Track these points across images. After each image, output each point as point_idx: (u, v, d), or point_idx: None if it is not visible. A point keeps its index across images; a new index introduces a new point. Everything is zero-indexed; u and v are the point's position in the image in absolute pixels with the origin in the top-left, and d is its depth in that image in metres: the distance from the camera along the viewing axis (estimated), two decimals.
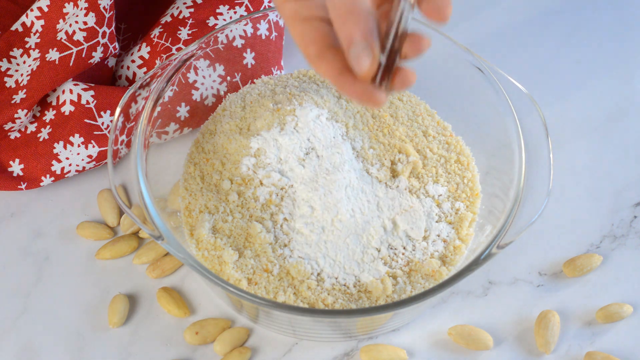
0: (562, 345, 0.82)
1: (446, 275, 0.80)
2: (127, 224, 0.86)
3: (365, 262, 0.79)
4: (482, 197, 0.84)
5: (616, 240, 0.87)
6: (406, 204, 0.82)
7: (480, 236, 0.81)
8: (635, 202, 0.89)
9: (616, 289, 0.85)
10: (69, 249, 0.86)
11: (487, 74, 0.84)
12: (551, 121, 0.85)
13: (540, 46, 0.99)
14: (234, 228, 0.80)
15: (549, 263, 0.86)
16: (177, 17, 0.90)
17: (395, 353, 0.80)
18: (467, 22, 1.00)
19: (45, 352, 0.81)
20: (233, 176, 0.83)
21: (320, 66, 0.62)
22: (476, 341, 0.81)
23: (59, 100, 0.87)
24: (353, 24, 0.60)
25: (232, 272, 0.78)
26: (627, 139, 0.93)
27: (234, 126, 0.85)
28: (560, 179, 0.88)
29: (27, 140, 0.87)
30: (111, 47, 0.88)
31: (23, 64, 0.87)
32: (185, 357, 0.81)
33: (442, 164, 0.85)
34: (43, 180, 0.86)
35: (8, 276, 0.84)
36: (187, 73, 0.86)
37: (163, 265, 0.84)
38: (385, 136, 0.86)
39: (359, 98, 0.61)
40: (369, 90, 0.61)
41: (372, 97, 0.61)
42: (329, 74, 0.62)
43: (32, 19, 0.87)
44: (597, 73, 0.97)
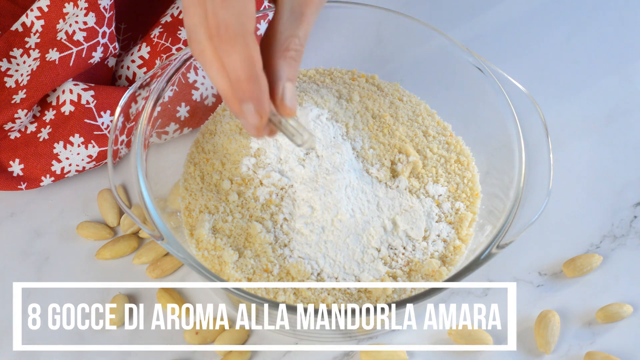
0: (562, 345, 0.82)
1: (446, 275, 0.80)
2: (127, 224, 0.86)
3: (365, 262, 0.79)
4: (482, 197, 0.84)
5: (616, 240, 0.87)
6: (406, 204, 0.82)
7: (480, 236, 0.81)
8: (635, 202, 0.89)
9: (616, 289, 0.85)
10: (69, 249, 0.86)
11: (487, 74, 0.84)
12: (551, 121, 0.85)
13: (540, 46, 0.99)
14: (234, 228, 0.80)
15: (549, 263, 0.86)
16: (177, 17, 0.90)
17: (395, 353, 0.80)
18: (467, 22, 1.00)
19: (45, 352, 0.81)
20: (233, 176, 0.83)
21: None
22: (476, 341, 0.81)
23: (59, 100, 0.87)
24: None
25: (232, 272, 0.78)
26: (627, 139, 0.93)
27: (234, 126, 0.85)
28: (560, 179, 0.88)
29: (27, 140, 0.87)
30: (111, 47, 0.88)
31: (23, 64, 0.87)
32: (185, 357, 0.81)
33: (442, 164, 0.85)
34: (43, 180, 0.86)
35: (8, 276, 0.84)
36: (187, 73, 0.86)
37: (163, 265, 0.84)
38: (385, 136, 0.86)
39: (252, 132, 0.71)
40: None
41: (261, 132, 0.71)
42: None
43: (32, 19, 0.87)
44: (597, 73, 0.97)
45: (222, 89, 0.68)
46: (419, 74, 0.90)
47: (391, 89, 0.89)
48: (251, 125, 0.70)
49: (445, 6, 1.01)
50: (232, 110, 0.70)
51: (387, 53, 0.91)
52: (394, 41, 0.89)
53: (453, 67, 0.86)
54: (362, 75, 0.90)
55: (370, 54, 0.92)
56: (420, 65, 0.89)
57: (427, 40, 0.86)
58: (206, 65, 0.68)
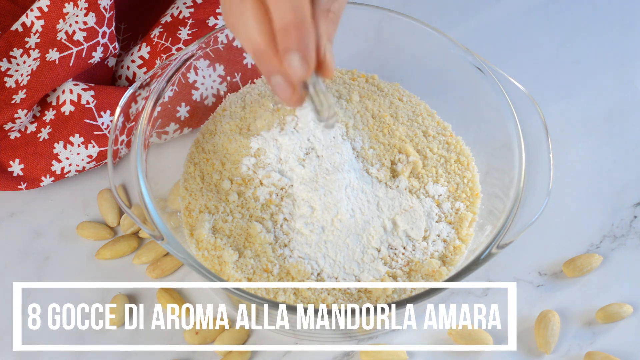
0: (562, 345, 0.82)
1: (446, 275, 0.80)
2: (127, 224, 0.86)
3: (365, 262, 0.79)
4: (482, 197, 0.84)
5: (616, 240, 0.87)
6: (406, 204, 0.82)
7: (480, 236, 0.81)
8: (635, 202, 0.89)
9: (616, 289, 0.85)
10: (69, 249, 0.86)
11: (487, 74, 0.84)
12: (551, 121, 0.85)
13: (540, 46, 0.99)
14: (234, 228, 0.80)
15: (549, 263, 0.86)
16: (177, 17, 0.90)
17: (395, 353, 0.80)
18: (467, 22, 1.00)
19: (45, 352, 0.81)
20: (233, 176, 0.83)
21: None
22: (476, 341, 0.81)
23: (59, 100, 0.87)
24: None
25: (232, 272, 0.78)
26: (627, 139, 0.93)
27: (234, 126, 0.85)
28: (560, 179, 0.88)
29: (27, 140, 0.87)
30: (111, 47, 0.88)
31: (23, 64, 0.87)
32: (185, 357, 0.81)
33: (442, 164, 0.85)
34: (43, 180, 0.86)
35: (8, 276, 0.84)
36: (187, 73, 0.86)
37: (163, 265, 0.84)
38: (385, 136, 0.86)
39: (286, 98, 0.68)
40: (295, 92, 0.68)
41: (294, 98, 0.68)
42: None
43: (32, 19, 0.87)
44: (597, 73, 0.97)
45: (259, 44, 0.65)
46: (419, 74, 0.90)
47: (391, 89, 0.89)
48: (290, 83, 0.66)
49: (445, 6, 1.01)
50: (268, 67, 0.66)
51: (387, 53, 0.91)
52: (394, 41, 0.89)
53: (453, 67, 0.86)
54: (362, 75, 0.90)
55: (370, 54, 0.92)
56: (420, 65, 0.89)
57: (426, 40, 0.86)
58: (245, 15, 0.65)
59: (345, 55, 0.90)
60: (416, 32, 0.87)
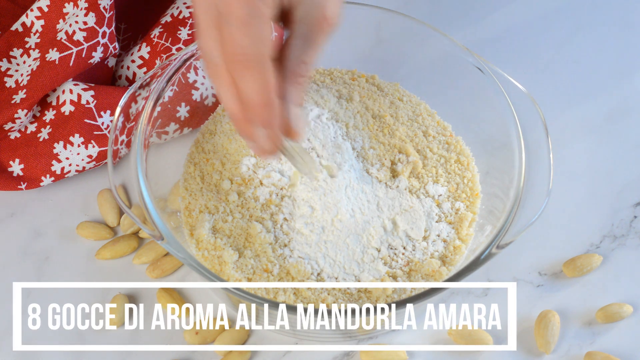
0: (562, 345, 0.82)
1: (446, 275, 0.80)
2: (127, 224, 0.86)
3: (365, 262, 0.79)
4: (482, 197, 0.84)
5: (616, 240, 0.87)
6: (406, 204, 0.82)
7: (480, 236, 0.81)
8: (635, 202, 0.89)
9: (616, 289, 0.85)
10: (69, 249, 0.86)
11: (487, 74, 0.84)
12: (551, 121, 0.85)
13: (541, 46, 0.99)
14: (234, 228, 0.80)
15: (549, 263, 0.86)
16: (177, 17, 0.90)
17: (395, 353, 0.80)
18: (467, 22, 1.00)
19: (45, 352, 0.81)
20: (233, 176, 0.83)
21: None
22: (476, 341, 0.81)
23: (59, 100, 0.87)
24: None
25: (232, 272, 0.78)
26: (627, 139, 0.93)
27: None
28: (560, 179, 0.88)
29: (27, 140, 0.87)
30: (111, 47, 0.88)
31: (23, 64, 0.87)
32: (185, 357, 0.81)
33: (442, 164, 0.85)
34: (43, 180, 0.86)
35: (8, 276, 0.84)
36: (187, 73, 0.86)
37: (163, 265, 0.84)
38: (385, 136, 0.86)
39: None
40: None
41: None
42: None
43: (32, 19, 0.87)
44: (597, 73, 0.97)
45: (234, 112, 0.69)
46: (419, 74, 0.90)
47: (391, 89, 0.89)
48: (259, 149, 0.70)
49: (445, 6, 1.01)
50: (242, 132, 0.70)
51: (387, 53, 0.91)
52: (394, 41, 0.89)
53: (453, 67, 0.86)
54: (362, 75, 0.90)
55: (370, 54, 0.92)
56: (420, 65, 0.89)
57: (427, 40, 0.86)
58: (220, 88, 0.68)
59: (345, 55, 0.90)
60: (416, 32, 0.87)
